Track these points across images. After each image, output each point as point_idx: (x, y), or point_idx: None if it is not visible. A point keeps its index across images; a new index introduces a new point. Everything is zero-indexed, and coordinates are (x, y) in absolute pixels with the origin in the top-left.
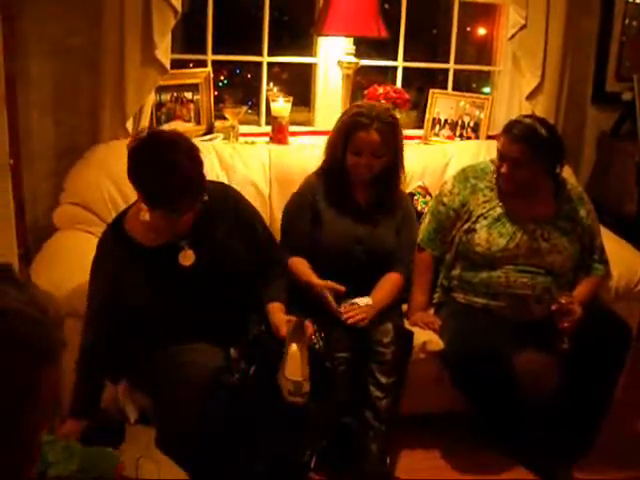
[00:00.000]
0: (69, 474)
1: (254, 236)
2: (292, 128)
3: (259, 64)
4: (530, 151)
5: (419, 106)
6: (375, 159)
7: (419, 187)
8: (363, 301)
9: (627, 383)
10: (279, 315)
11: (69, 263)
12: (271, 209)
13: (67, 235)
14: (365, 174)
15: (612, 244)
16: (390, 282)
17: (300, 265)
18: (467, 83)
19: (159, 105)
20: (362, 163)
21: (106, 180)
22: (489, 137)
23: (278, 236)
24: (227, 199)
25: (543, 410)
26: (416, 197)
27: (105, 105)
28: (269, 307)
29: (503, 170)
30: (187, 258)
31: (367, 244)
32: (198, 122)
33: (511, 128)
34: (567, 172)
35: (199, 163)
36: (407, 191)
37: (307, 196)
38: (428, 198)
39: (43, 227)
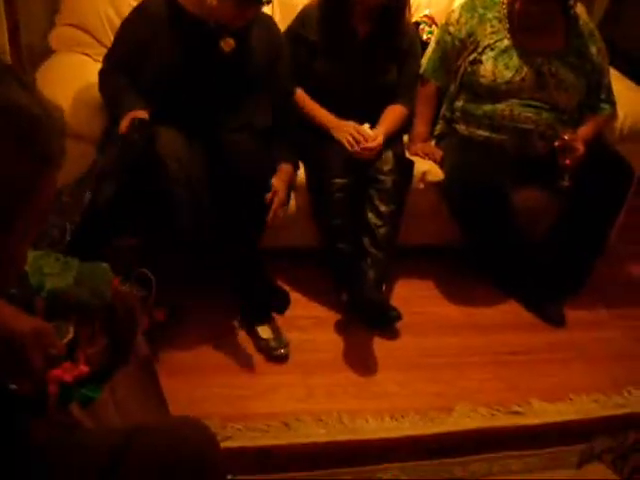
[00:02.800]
0: (65, 286)
1: (278, 62)
2: None
3: None
4: None
5: None
6: None
7: (425, 16)
8: (365, 128)
9: (624, 226)
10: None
11: (66, 84)
12: None
13: (64, 57)
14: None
15: (620, 85)
16: (393, 113)
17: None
18: None
19: None
20: None
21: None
22: None
23: None
24: (270, 23)
25: (538, 247)
26: (421, 26)
27: None
28: (281, 168)
29: (517, 6)
30: (228, 44)
31: (364, 79)
32: None
33: None
34: (580, 9)
35: None
36: (412, 20)
37: (299, 29)
38: (434, 28)
39: (38, 51)
